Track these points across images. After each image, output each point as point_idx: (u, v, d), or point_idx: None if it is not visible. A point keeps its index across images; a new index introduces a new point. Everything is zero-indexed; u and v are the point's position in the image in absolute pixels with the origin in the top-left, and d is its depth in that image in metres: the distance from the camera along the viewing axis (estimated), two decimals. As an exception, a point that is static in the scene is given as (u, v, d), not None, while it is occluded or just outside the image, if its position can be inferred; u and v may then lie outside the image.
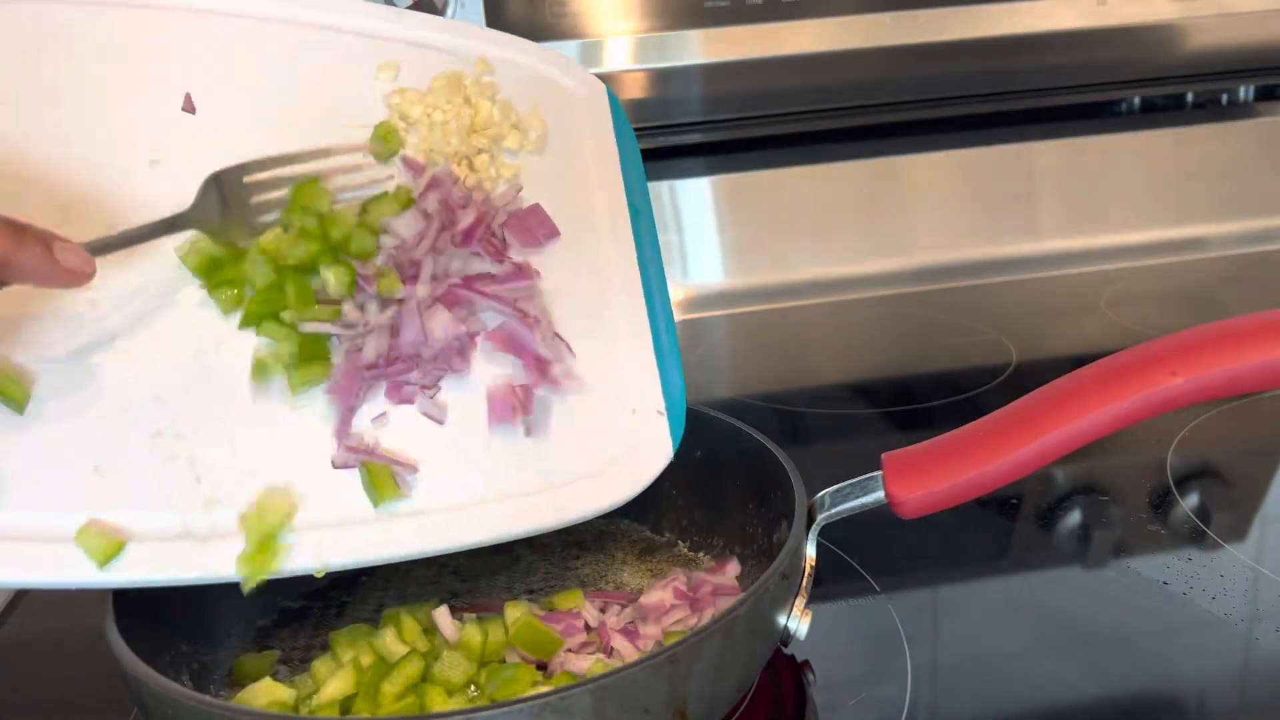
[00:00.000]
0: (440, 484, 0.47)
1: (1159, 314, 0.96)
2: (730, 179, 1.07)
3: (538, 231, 0.53)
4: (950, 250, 1.10)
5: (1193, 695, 0.47)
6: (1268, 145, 1.16)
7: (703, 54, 1.01)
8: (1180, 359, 0.44)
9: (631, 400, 0.52)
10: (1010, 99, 1.10)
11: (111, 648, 0.41)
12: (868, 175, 1.09)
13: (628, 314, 0.54)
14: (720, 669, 0.40)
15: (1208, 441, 0.70)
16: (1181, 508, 0.62)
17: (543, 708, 0.36)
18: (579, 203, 0.56)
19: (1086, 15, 1.06)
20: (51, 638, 0.57)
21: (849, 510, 0.48)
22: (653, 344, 0.54)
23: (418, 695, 0.45)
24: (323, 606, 0.54)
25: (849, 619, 0.53)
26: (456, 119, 0.54)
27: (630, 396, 0.52)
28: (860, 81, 1.05)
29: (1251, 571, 0.55)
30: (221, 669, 0.49)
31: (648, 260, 0.56)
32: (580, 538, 0.59)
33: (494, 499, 0.47)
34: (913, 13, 1.03)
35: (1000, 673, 0.49)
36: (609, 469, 0.50)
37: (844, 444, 0.75)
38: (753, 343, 0.98)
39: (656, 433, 0.51)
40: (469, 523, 0.47)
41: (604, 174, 0.58)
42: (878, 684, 0.48)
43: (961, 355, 0.90)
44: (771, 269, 1.06)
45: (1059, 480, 0.65)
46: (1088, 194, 1.13)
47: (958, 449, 0.47)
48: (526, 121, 0.56)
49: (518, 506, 0.48)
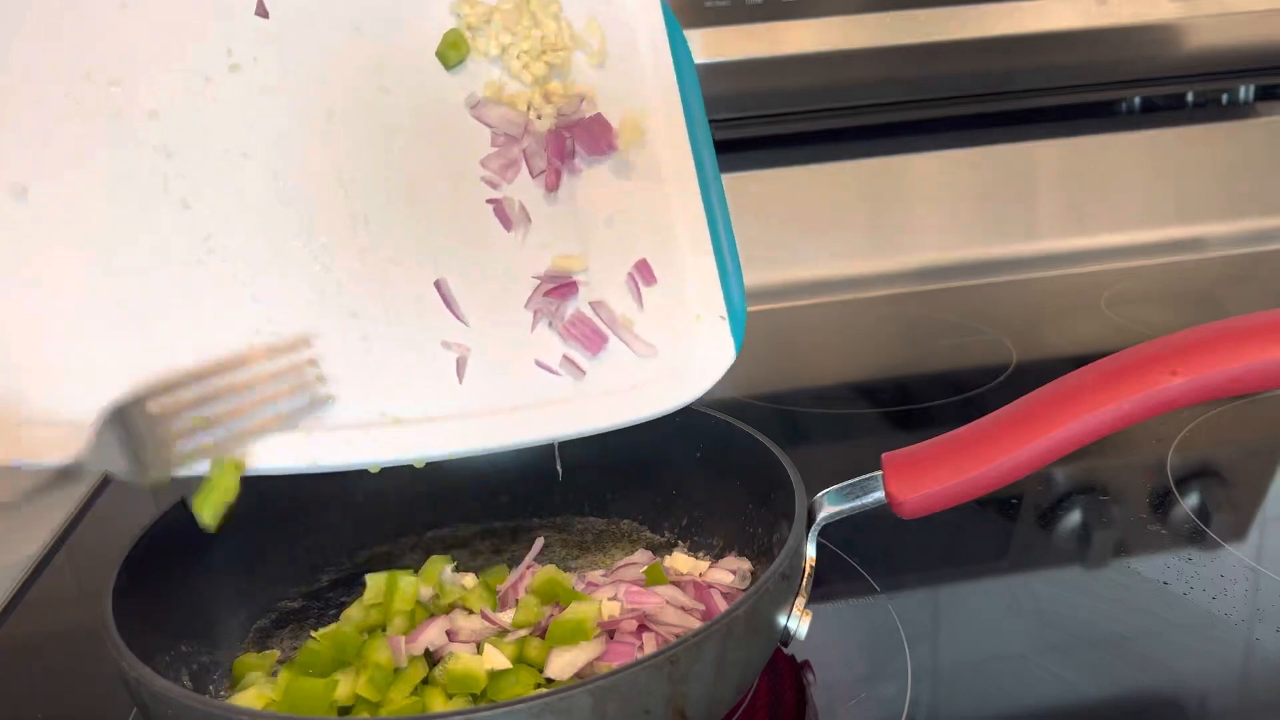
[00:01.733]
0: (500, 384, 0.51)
1: (1159, 314, 0.96)
2: (730, 179, 1.05)
3: (601, 141, 0.54)
4: (950, 250, 1.10)
5: (1193, 695, 0.47)
6: (1268, 145, 1.16)
7: (703, 54, 1.00)
8: (1180, 359, 0.44)
9: (694, 307, 0.55)
10: (1010, 99, 1.10)
11: (111, 648, 0.41)
12: (868, 175, 1.09)
13: (688, 222, 0.56)
14: (720, 669, 0.40)
15: (1208, 441, 0.70)
16: (1181, 508, 0.62)
17: (543, 708, 0.36)
18: (638, 112, 0.56)
19: (1086, 15, 1.06)
20: (51, 638, 0.57)
21: (849, 510, 0.48)
22: (714, 251, 0.56)
23: (419, 695, 0.45)
24: (322, 606, 0.54)
25: (849, 619, 0.53)
26: (526, 40, 0.54)
27: (693, 303, 0.55)
28: (860, 81, 1.05)
29: (1251, 571, 0.55)
30: (221, 669, 0.49)
31: (705, 167, 0.57)
32: (580, 538, 0.59)
33: (554, 400, 0.51)
34: (913, 13, 1.03)
35: (1000, 673, 0.49)
36: (673, 373, 0.53)
37: (844, 444, 0.75)
38: (753, 343, 0.97)
39: (720, 337, 0.54)
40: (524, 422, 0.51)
41: (660, 80, 0.58)
42: (878, 684, 0.48)
43: (961, 355, 0.90)
44: (772, 269, 1.06)
45: (1059, 480, 0.65)
46: (1088, 194, 1.13)
47: (958, 449, 0.47)
48: (586, 33, 0.56)
49: (576, 409, 0.51)
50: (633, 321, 0.54)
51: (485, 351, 0.52)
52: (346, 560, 0.57)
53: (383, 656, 0.45)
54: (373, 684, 0.44)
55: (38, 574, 0.63)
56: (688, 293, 0.55)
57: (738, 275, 0.56)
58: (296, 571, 0.55)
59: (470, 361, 0.51)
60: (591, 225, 0.54)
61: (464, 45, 0.53)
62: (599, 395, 0.53)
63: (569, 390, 0.52)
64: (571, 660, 0.44)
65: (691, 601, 0.49)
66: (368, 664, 0.44)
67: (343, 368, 0.49)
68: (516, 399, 0.52)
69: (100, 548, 0.65)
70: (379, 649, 0.45)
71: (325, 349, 0.49)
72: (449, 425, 0.50)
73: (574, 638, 0.45)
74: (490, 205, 0.53)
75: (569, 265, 0.54)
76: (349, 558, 0.58)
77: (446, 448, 0.50)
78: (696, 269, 0.55)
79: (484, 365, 0.52)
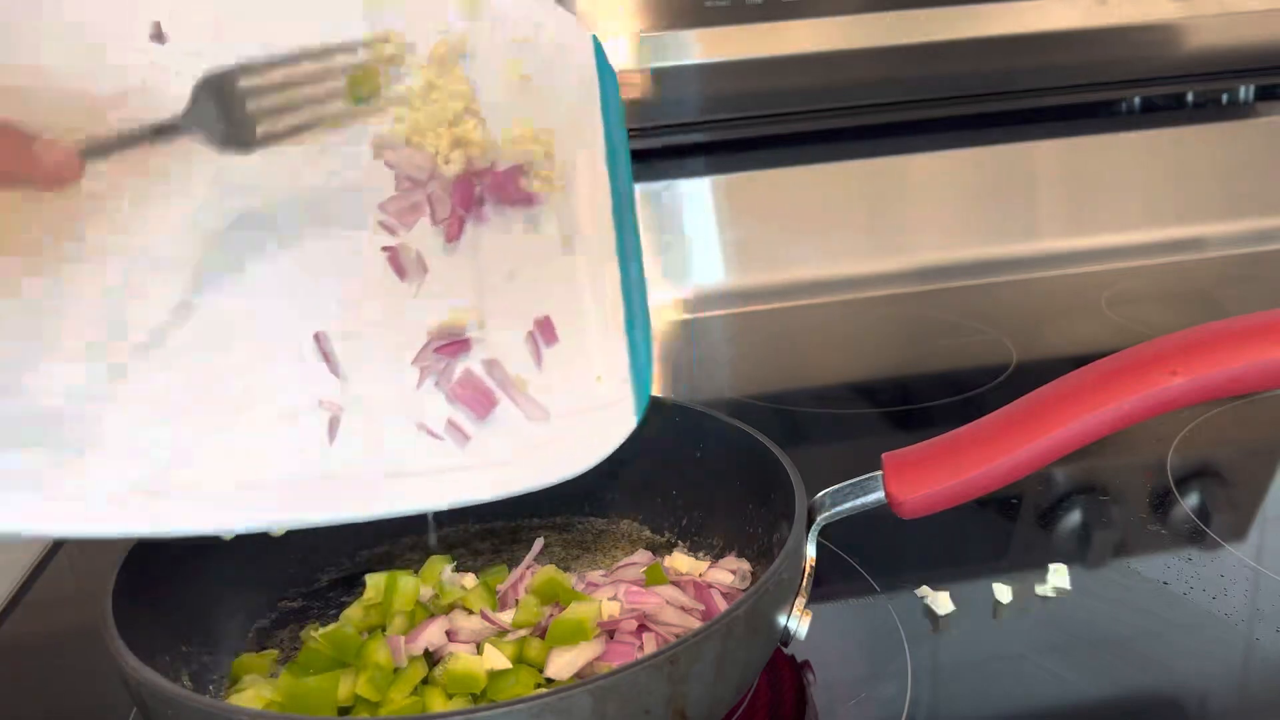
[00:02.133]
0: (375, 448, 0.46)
1: (1159, 314, 0.96)
2: (730, 179, 1.07)
3: (515, 193, 0.51)
4: (950, 250, 1.10)
5: (1193, 695, 0.47)
6: (1268, 145, 1.16)
7: (703, 54, 1.01)
8: (1180, 359, 0.44)
9: (597, 368, 0.51)
10: (1010, 99, 1.10)
11: (111, 648, 0.41)
12: (868, 175, 1.09)
13: (600, 278, 0.52)
14: (720, 669, 0.40)
15: (1208, 441, 0.70)
16: (1181, 508, 0.62)
17: (543, 708, 0.36)
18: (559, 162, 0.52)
19: (1086, 15, 1.06)
20: (51, 638, 0.57)
21: (849, 510, 0.48)
22: (625, 309, 0.52)
23: (419, 695, 0.45)
24: (322, 606, 0.54)
25: (849, 619, 0.53)
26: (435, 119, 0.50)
27: (596, 364, 0.51)
28: (860, 81, 1.05)
29: (1251, 571, 0.55)
30: (221, 669, 0.49)
31: (625, 221, 0.54)
32: (580, 537, 0.59)
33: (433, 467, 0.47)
34: (913, 13, 1.03)
35: (1000, 673, 0.49)
36: (566, 440, 0.49)
37: (844, 444, 0.75)
38: (753, 343, 0.98)
39: (621, 402, 0.50)
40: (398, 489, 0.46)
41: (582, 119, 0.53)
42: (878, 684, 0.48)
43: (961, 355, 0.90)
44: (771, 269, 1.06)
45: (1059, 480, 0.65)
46: (1088, 194, 1.13)
47: (958, 449, 0.47)
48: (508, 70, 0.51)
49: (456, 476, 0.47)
50: (527, 383, 0.50)
51: (362, 411, 0.47)
52: (346, 560, 0.57)
53: (383, 656, 0.45)
54: (373, 684, 0.44)
55: (38, 574, 0.63)
56: (592, 353, 0.51)
57: (647, 337, 0.52)
58: (296, 572, 0.55)
59: (344, 421, 0.46)
60: (493, 278, 0.50)
61: (374, 79, 0.48)
62: (483, 462, 0.48)
63: (451, 456, 0.48)
64: (571, 660, 0.44)
65: (691, 601, 0.49)
66: (368, 664, 0.44)
67: (199, 422, 0.44)
68: (392, 464, 0.47)
69: (100, 548, 0.65)
70: (379, 649, 0.45)
71: (180, 399, 0.44)
72: (312, 490, 0.45)
73: (574, 638, 0.45)
74: (385, 253, 0.48)
75: (463, 320, 0.49)
76: (349, 558, 0.58)
77: (306, 515, 0.45)
78: (604, 327, 0.51)
79: (359, 426, 0.46)
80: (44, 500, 0.41)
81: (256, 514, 0.44)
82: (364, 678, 0.44)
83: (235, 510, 0.44)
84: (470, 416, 0.49)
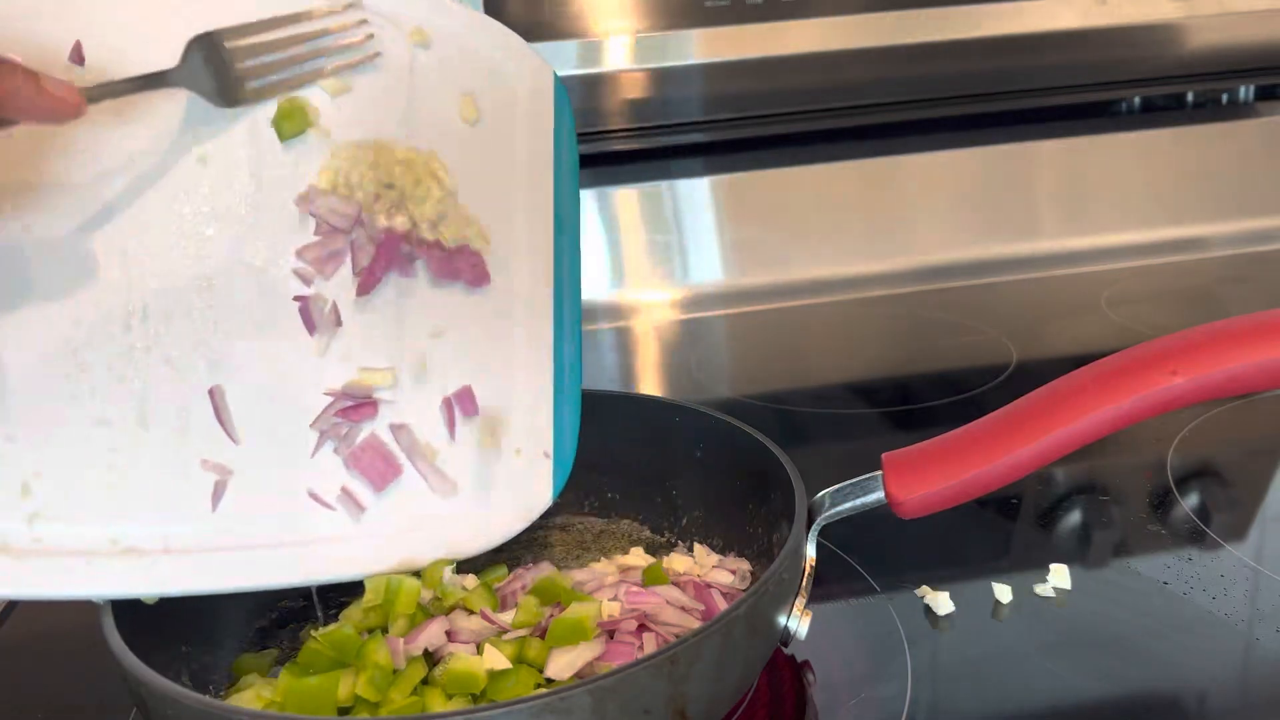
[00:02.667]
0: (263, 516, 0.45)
1: (1159, 314, 0.96)
2: (730, 179, 1.06)
3: (464, 275, 0.49)
4: (950, 250, 1.10)
5: (1193, 695, 0.47)
6: (1268, 145, 1.16)
7: (703, 54, 1.01)
8: (1180, 359, 0.44)
9: (517, 439, 0.49)
10: (1010, 99, 1.10)
11: (111, 648, 0.41)
12: (868, 175, 1.09)
13: (531, 344, 0.50)
14: (720, 669, 0.40)
15: (1208, 441, 0.70)
16: (1181, 508, 0.62)
17: (543, 708, 0.36)
18: (498, 213, 0.50)
19: (1086, 15, 1.06)
20: (51, 638, 0.57)
21: (849, 510, 0.48)
22: (553, 379, 0.50)
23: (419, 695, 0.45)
24: (322, 606, 0.54)
25: (849, 619, 0.53)
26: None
27: (516, 435, 0.49)
28: (860, 81, 1.05)
29: (1251, 571, 0.55)
30: (221, 669, 0.49)
31: (564, 284, 0.52)
32: (580, 537, 0.59)
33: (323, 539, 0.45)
34: (913, 13, 1.03)
35: (1000, 673, 0.49)
36: (475, 513, 0.48)
37: (844, 444, 0.75)
38: (753, 343, 0.98)
39: (539, 476, 0.49)
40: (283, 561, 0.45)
41: (533, 181, 0.51)
42: (878, 684, 0.48)
43: (961, 355, 0.90)
44: (771, 269, 1.06)
45: (1059, 480, 0.65)
46: (1088, 194, 1.13)
47: (958, 449, 0.47)
48: (461, 112, 0.50)
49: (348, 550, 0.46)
50: (436, 453, 0.47)
51: (251, 476, 0.45)
52: (346, 560, 0.57)
53: (382, 657, 0.45)
54: (372, 684, 0.44)
55: (38, 574, 0.63)
56: (513, 423, 0.49)
57: (575, 409, 0.50)
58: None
59: (231, 486, 0.44)
60: (413, 337, 0.48)
61: (301, 117, 0.46)
62: (378, 536, 0.46)
63: (344, 528, 0.46)
64: (571, 660, 0.44)
65: (691, 601, 0.49)
66: (368, 664, 0.44)
67: (75, 484, 0.42)
68: (278, 534, 0.45)
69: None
70: (379, 649, 0.45)
71: (61, 459, 0.41)
72: (191, 559, 0.43)
73: (574, 638, 0.45)
74: (296, 303, 0.46)
75: (372, 381, 0.47)
76: (349, 558, 0.57)
77: (181, 585, 0.43)
78: (528, 397, 0.49)
79: (247, 491, 0.44)
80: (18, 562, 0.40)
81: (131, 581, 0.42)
82: (364, 678, 0.44)
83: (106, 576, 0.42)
84: (368, 487, 0.47)
